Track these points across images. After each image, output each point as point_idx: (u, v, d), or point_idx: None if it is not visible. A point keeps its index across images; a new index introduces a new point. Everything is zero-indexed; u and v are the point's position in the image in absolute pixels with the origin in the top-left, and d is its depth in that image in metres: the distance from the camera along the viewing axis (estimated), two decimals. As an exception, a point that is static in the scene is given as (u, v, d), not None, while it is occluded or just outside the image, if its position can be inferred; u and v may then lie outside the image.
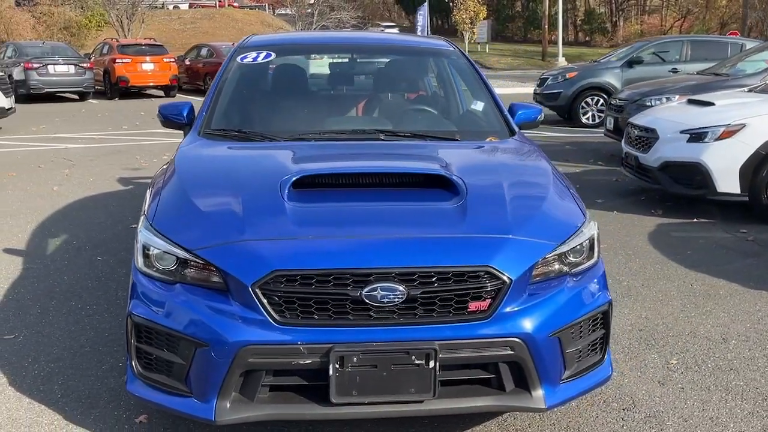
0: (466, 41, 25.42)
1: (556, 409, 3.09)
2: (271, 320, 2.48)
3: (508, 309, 2.60)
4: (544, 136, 12.39)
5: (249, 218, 2.70)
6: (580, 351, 2.82)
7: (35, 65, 18.60)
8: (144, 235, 2.76)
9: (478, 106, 4.12)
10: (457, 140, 3.68)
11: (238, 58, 4.22)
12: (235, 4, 54.84)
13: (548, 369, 2.68)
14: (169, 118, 3.98)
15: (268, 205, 2.78)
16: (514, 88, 22.37)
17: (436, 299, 2.55)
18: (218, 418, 2.53)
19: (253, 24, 44.33)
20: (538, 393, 2.67)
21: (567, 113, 13.90)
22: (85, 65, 19.58)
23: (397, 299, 2.50)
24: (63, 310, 4.24)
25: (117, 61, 20.17)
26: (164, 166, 3.49)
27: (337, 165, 3.20)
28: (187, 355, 2.56)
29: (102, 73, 20.65)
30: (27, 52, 19.63)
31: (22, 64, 18.74)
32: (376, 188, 2.98)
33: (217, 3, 54.20)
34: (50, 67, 18.86)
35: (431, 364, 2.52)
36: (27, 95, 18.66)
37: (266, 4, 51.83)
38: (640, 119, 7.29)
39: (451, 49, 4.49)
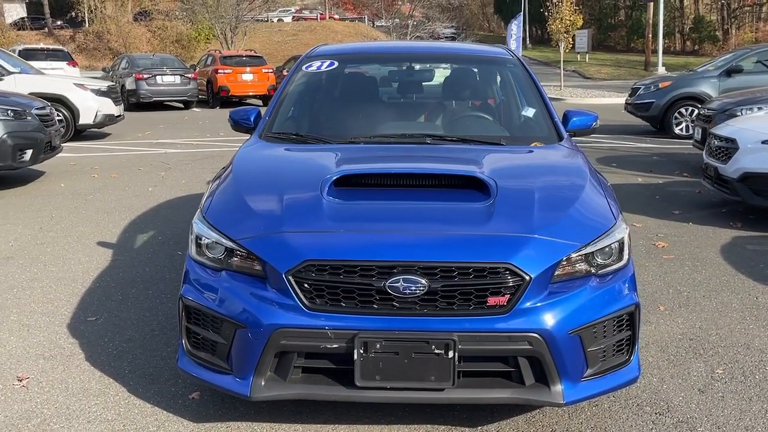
0: (561, 51, 25.02)
1: (585, 409, 3.16)
2: (302, 306, 2.70)
3: (527, 305, 2.70)
4: (632, 147, 12.15)
5: (288, 212, 2.93)
6: (604, 350, 2.88)
7: (145, 76, 19.84)
8: (198, 227, 3.04)
9: (529, 112, 4.21)
10: (503, 145, 3.79)
11: (304, 67, 4.50)
12: (336, 16, 56.21)
13: (568, 365, 2.76)
14: (239, 122, 4.29)
15: (308, 201, 3.00)
16: (610, 99, 21.93)
17: (456, 293, 2.69)
18: (253, 394, 2.76)
19: (352, 35, 45.33)
20: (557, 388, 2.76)
21: (659, 124, 13.54)
22: (189, 76, 20.72)
23: (418, 291, 2.66)
24: (141, 298, 4.63)
25: (219, 71, 21.22)
26: (225, 166, 3.79)
27: (377, 166, 3.39)
28: (229, 335, 2.80)
29: (205, 83, 21.77)
30: (138, 64, 20.98)
31: (133, 75, 20.05)
32: (411, 188, 3.14)
33: (319, 16, 55.71)
34: (158, 78, 20.06)
35: (450, 354, 2.66)
36: (137, 104, 19.94)
37: (365, 17, 52.80)
38: (722, 129, 7.09)
39: (509, 57, 4.60)
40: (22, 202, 7.68)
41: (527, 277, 2.69)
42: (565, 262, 2.81)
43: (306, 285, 2.71)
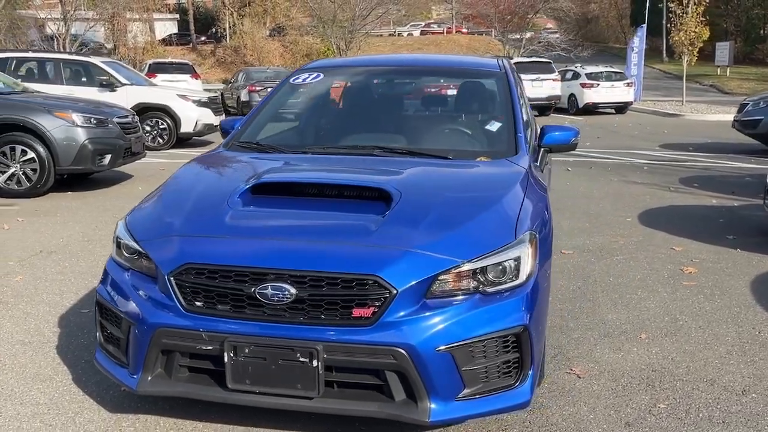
0: (684, 64, 23.73)
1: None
2: (180, 307, 2.83)
3: (393, 318, 2.69)
4: (728, 166, 11.39)
5: (187, 217, 3.07)
6: (486, 371, 2.80)
7: (257, 88, 20.84)
8: (119, 228, 3.25)
9: (494, 126, 4.13)
10: (449, 159, 3.75)
11: (291, 80, 4.65)
12: (464, 30, 56.26)
13: (436, 383, 2.71)
14: (225, 130, 4.50)
15: (211, 207, 3.13)
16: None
17: (323, 302, 2.72)
18: (138, 388, 2.92)
19: (477, 49, 45.18)
20: (425, 405, 2.72)
21: (768, 142, 12.59)
22: (300, 88, 21.51)
23: (286, 299, 2.72)
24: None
25: (329, 84, 21.88)
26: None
27: (294, 176, 3.45)
28: (125, 331, 2.98)
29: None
30: (253, 77, 22.12)
31: (247, 87, 21.11)
32: (320, 198, 3.20)
33: (446, 30, 55.98)
34: (270, 90, 20.96)
35: (315, 363, 2.69)
36: (250, 114, 20.96)
37: (492, 30, 52.47)
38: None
39: (495, 70, 4.53)
40: (97, 202, 8.36)
41: (394, 291, 2.68)
42: (444, 277, 2.77)
43: (185, 287, 2.83)
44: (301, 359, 2.71)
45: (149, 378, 2.91)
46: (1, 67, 13.72)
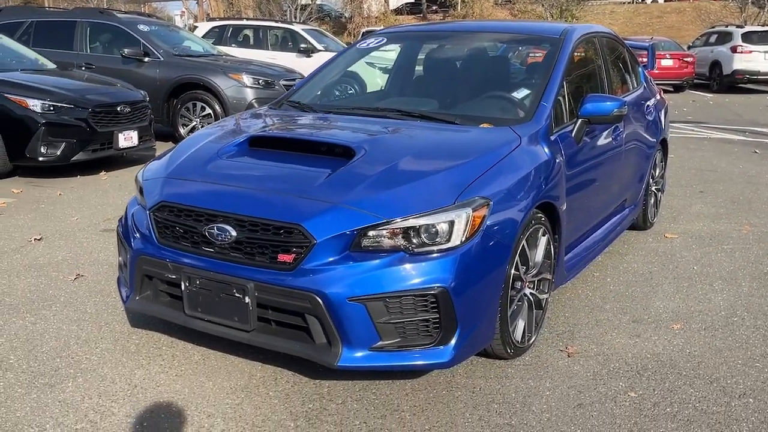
0: None
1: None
2: (155, 239, 3.25)
3: (310, 266, 2.88)
4: None
5: (182, 164, 3.47)
6: (404, 326, 2.89)
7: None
8: (139, 171, 3.76)
9: (521, 93, 4.01)
10: (453, 123, 3.75)
11: (357, 45, 4.87)
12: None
13: (348, 331, 2.86)
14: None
15: (203, 156, 3.49)
16: None
17: (256, 245, 2.98)
18: (127, 305, 3.42)
19: (726, 16, 40.97)
20: (336, 350, 2.89)
21: None
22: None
23: (227, 239, 3.02)
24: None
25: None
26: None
27: (283, 132, 3.69)
28: (125, 257, 3.48)
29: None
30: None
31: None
32: (298, 153, 3.42)
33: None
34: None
35: (246, 299, 2.98)
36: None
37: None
38: None
39: (554, 37, 4.36)
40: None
41: (314, 241, 2.86)
42: (372, 233, 2.88)
43: (160, 222, 3.25)
44: (236, 294, 3.00)
45: (137, 298, 3.38)
46: (219, 34, 15.45)
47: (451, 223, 2.91)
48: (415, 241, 2.90)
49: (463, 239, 2.92)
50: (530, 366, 3.43)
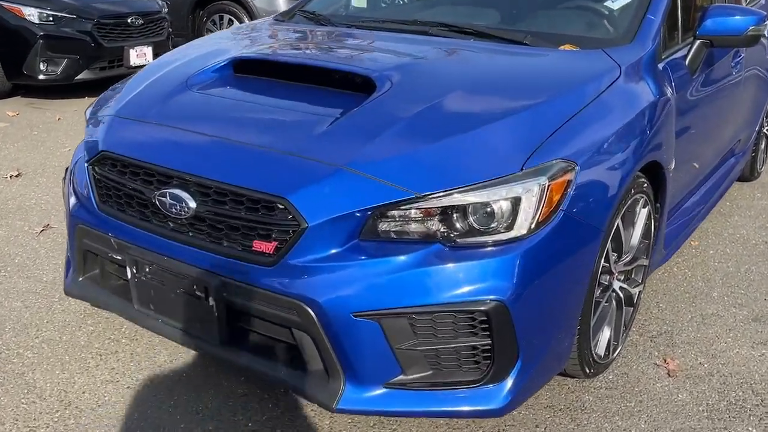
0: None
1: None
2: (95, 204, 2.32)
3: (299, 261, 1.91)
4: None
5: (138, 95, 2.49)
6: (437, 355, 1.93)
7: None
8: (89, 107, 2.79)
9: (616, 4, 2.87)
10: (524, 44, 2.66)
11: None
12: None
13: (355, 360, 1.92)
14: None
15: (166, 85, 2.50)
16: None
17: (224, 225, 2.02)
18: (66, 288, 2.54)
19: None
20: (336, 386, 1.96)
21: None
22: None
23: (183, 213, 2.07)
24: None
25: None
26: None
27: (280, 54, 2.64)
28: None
29: None
30: None
31: None
32: (298, 84, 2.42)
33: None
34: None
35: (211, 301, 2.05)
36: None
37: None
38: None
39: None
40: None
41: (304, 224, 1.89)
42: (393, 213, 1.90)
43: (101, 180, 2.31)
44: (197, 293, 2.08)
45: (80, 279, 2.49)
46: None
47: (516, 201, 1.89)
48: (459, 226, 1.90)
49: (533, 226, 1.91)
50: (615, 390, 2.45)
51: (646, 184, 2.45)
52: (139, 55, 7.05)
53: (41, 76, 6.46)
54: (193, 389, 2.42)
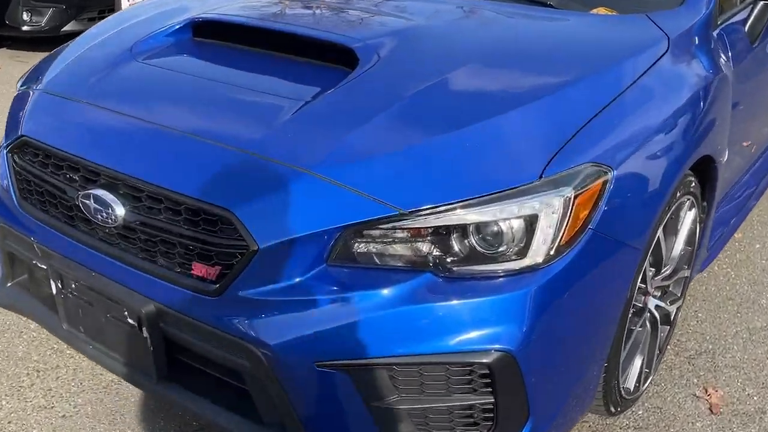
0: None
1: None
2: (14, 199, 1.90)
3: (246, 293, 1.48)
4: None
5: (73, 63, 2.04)
6: (425, 415, 1.51)
7: None
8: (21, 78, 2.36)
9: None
10: (549, 6, 2.17)
11: None
12: None
13: (318, 418, 1.50)
14: None
15: (111, 52, 2.04)
16: None
17: (158, 239, 1.59)
18: (-7, 296, 2.12)
19: None
20: (296, 448, 1.54)
21: None
22: None
23: (110, 220, 1.64)
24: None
25: None
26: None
27: (247, 16, 2.14)
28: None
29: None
30: None
31: None
32: (270, 55, 1.95)
33: None
34: None
35: (144, 332, 1.63)
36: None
37: None
38: None
39: None
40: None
41: (253, 246, 1.45)
42: (372, 233, 1.46)
43: (20, 172, 1.88)
44: (129, 321, 1.66)
45: (9, 284, 2.08)
46: None
47: (532, 220, 1.44)
48: (457, 249, 1.46)
49: (552, 251, 1.46)
50: (646, 431, 2.03)
51: (694, 184, 1.98)
52: (132, 3, 6.54)
53: (25, 27, 6.00)
54: (142, 419, 2.03)
